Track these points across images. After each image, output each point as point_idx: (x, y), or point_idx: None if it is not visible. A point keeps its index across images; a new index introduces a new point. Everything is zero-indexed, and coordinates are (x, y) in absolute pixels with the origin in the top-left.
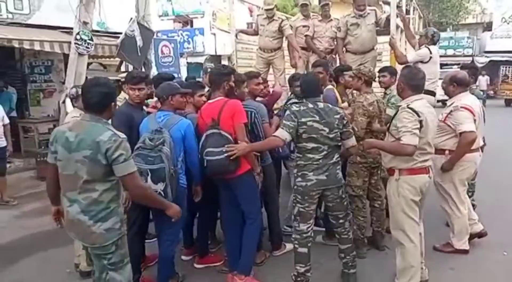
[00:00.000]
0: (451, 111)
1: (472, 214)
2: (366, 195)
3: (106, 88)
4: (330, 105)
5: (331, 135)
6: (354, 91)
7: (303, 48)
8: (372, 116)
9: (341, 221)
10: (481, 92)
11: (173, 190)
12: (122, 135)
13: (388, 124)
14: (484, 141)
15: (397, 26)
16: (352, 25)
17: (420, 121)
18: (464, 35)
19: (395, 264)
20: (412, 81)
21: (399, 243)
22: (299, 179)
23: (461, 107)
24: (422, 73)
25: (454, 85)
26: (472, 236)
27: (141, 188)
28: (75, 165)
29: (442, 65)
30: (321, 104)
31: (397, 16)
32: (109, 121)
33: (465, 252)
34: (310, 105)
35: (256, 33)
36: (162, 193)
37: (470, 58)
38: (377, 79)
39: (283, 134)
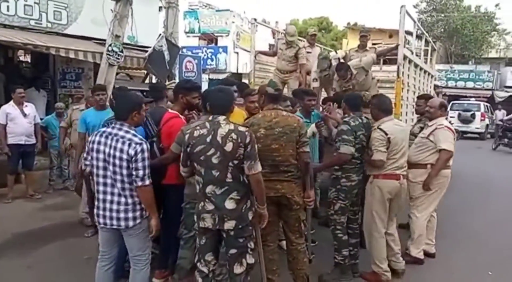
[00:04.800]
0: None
1: (431, 234)
2: None
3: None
4: (368, 119)
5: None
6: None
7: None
8: None
9: (357, 215)
10: None
11: None
12: None
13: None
14: None
15: (405, 57)
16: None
17: (388, 138)
18: (485, 69)
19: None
20: (382, 106)
21: (370, 235)
22: (344, 180)
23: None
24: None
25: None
26: (424, 253)
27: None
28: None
29: (460, 97)
30: (364, 119)
31: (404, 46)
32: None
33: (420, 261)
34: (359, 120)
35: (274, 54)
36: None
37: (490, 92)
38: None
39: (350, 149)
